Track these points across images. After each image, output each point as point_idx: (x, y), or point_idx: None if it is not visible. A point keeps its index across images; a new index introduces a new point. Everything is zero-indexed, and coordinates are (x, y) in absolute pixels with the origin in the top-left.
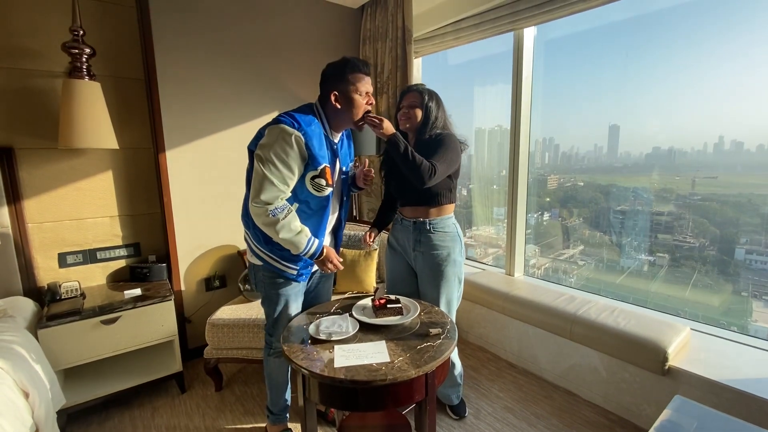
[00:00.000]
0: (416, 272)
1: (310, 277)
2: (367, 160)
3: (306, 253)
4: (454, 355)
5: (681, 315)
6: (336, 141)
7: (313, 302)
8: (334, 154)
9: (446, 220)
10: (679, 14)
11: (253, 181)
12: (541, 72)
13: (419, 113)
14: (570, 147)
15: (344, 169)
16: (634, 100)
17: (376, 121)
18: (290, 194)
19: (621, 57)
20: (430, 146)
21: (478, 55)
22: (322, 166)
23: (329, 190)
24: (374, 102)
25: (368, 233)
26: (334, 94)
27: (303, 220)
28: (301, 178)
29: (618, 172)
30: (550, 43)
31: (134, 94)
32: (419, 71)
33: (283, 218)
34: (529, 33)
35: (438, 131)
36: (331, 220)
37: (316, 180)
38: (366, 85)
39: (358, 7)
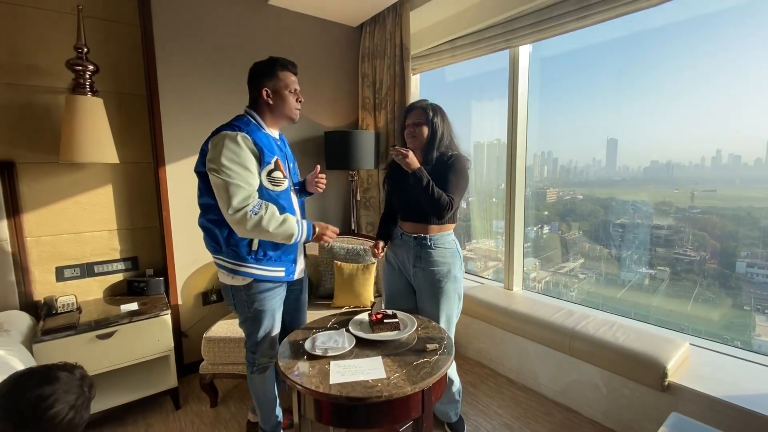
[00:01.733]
0: (415, 289)
1: (290, 287)
2: (318, 166)
3: (301, 237)
4: (453, 372)
5: (683, 330)
6: (276, 138)
7: (292, 320)
8: (280, 150)
9: (446, 236)
10: (674, 30)
11: (218, 194)
12: (538, 87)
13: (425, 130)
14: (569, 161)
15: (291, 166)
16: (631, 115)
17: (403, 153)
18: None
19: (616, 73)
20: (440, 170)
21: (475, 71)
22: (274, 158)
23: (286, 182)
24: (303, 99)
25: (376, 244)
26: (266, 91)
27: None
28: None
29: (617, 185)
30: (546, 60)
31: (136, 109)
32: (417, 87)
33: (265, 212)
34: (525, 50)
35: (448, 152)
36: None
37: (272, 174)
38: (294, 83)
39: (357, 25)
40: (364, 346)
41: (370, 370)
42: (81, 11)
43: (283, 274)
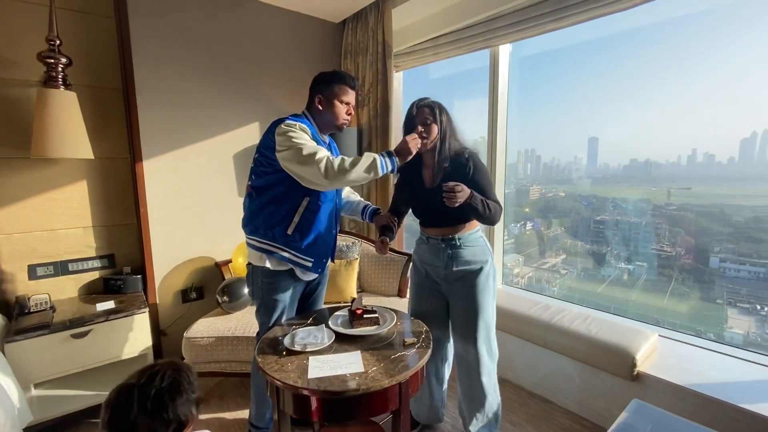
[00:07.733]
0: (447, 296)
1: (308, 284)
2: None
3: (386, 166)
4: (494, 390)
5: (660, 323)
6: (326, 143)
7: (309, 308)
8: (329, 148)
9: (474, 233)
10: (650, 32)
11: (298, 161)
12: (518, 86)
13: (435, 129)
14: (551, 158)
15: None
16: (610, 113)
17: (452, 197)
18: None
19: (595, 73)
20: (465, 174)
21: (458, 69)
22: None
23: None
24: (353, 113)
25: (383, 240)
26: (318, 97)
27: (320, 212)
28: None
29: (598, 182)
30: (527, 59)
31: (111, 103)
32: (400, 84)
33: (346, 159)
34: (505, 50)
35: (463, 151)
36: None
37: None
38: (348, 96)
39: (340, 21)
40: (343, 341)
41: (348, 364)
42: (53, 2)
43: (310, 264)
